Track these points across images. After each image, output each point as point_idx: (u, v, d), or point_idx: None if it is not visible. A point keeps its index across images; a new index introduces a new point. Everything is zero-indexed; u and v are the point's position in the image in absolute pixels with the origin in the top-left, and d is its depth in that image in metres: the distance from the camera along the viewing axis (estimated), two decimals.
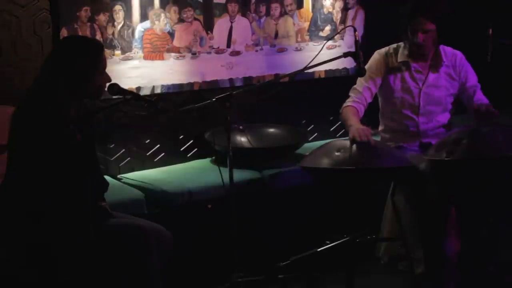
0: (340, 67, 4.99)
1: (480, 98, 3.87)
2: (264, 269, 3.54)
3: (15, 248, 2.91)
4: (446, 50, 3.90)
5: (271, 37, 4.71)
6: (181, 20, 4.32)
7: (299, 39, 4.82)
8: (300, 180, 3.97)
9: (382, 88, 3.92)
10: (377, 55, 3.94)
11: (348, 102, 3.84)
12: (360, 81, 3.88)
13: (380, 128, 4.03)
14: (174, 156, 4.37)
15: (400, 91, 3.88)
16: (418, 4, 3.72)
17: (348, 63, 4.93)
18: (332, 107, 3.95)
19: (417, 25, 3.70)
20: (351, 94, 3.88)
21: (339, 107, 3.88)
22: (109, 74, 3.08)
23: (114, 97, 3.21)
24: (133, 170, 4.19)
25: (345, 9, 4.98)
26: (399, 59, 3.88)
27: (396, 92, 3.89)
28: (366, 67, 3.70)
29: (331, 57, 3.56)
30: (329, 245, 3.58)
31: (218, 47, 4.50)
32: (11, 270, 2.91)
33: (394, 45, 3.94)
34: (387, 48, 3.96)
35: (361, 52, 3.46)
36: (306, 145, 4.39)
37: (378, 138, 3.99)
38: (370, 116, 4.02)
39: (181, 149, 4.43)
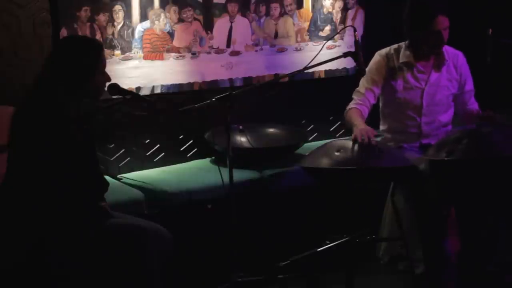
0: (340, 67, 4.99)
1: (473, 103, 3.94)
2: (263, 269, 3.54)
3: (15, 247, 2.91)
4: (448, 50, 3.89)
5: (271, 37, 4.71)
6: (181, 20, 4.32)
7: (299, 39, 4.82)
8: (300, 180, 3.96)
9: (384, 89, 3.91)
10: (378, 56, 3.94)
11: (351, 105, 3.84)
12: (362, 83, 3.88)
13: (382, 128, 4.03)
14: (174, 156, 4.37)
15: (403, 92, 3.87)
16: (435, 4, 3.70)
17: (347, 63, 4.93)
18: (332, 107, 3.96)
19: (439, 24, 3.67)
20: (354, 96, 3.88)
21: (339, 107, 3.88)
22: (109, 74, 3.09)
23: (113, 97, 3.22)
24: (132, 170, 4.19)
25: (345, 9, 4.98)
26: (401, 60, 3.87)
27: (399, 92, 3.88)
28: (367, 68, 3.71)
29: (331, 57, 3.56)
30: (329, 245, 3.58)
31: (218, 47, 4.50)
32: (11, 270, 2.91)
33: (395, 46, 3.93)
34: (387, 48, 3.95)
35: (361, 52, 3.46)
36: (306, 145, 4.39)
37: (379, 138, 3.99)
38: (371, 117, 4.02)
39: (181, 149, 4.43)
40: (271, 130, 4.54)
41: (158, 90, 4.28)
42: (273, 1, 4.68)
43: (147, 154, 4.29)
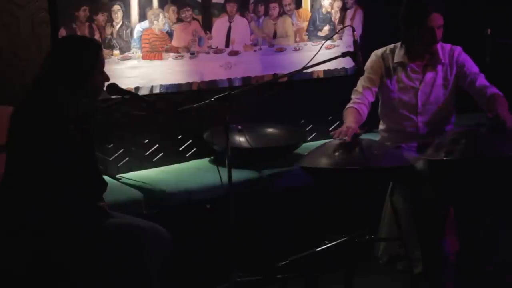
0: (339, 67, 4.99)
1: (483, 83, 3.82)
2: (262, 269, 3.54)
3: (13, 247, 2.91)
4: (445, 47, 3.89)
5: (269, 37, 4.71)
6: (179, 20, 4.32)
7: (297, 39, 4.82)
8: (299, 180, 3.96)
9: (381, 89, 3.93)
10: (374, 56, 3.95)
11: (349, 104, 3.86)
12: (360, 83, 3.90)
13: (380, 127, 4.04)
14: (173, 156, 4.37)
15: (398, 92, 3.88)
16: (429, 1, 3.71)
17: (346, 63, 4.93)
18: (331, 107, 3.96)
19: (433, 22, 3.68)
20: (352, 96, 3.89)
21: (338, 107, 3.89)
22: (108, 74, 3.08)
23: (112, 97, 3.21)
24: (131, 170, 4.19)
25: (343, 9, 4.98)
26: (396, 60, 3.88)
27: (394, 92, 3.89)
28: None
29: (330, 57, 3.56)
30: (328, 245, 3.58)
31: (217, 47, 4.50)
32: (9, 270, 2.91)
33: (391, 46, 3.94)
34: (383, 48, 3.96)
35: (359, 52, 3.46)
36: (305, 145, 4.39)
37: (376, 138, 3.99)
38: (370, 116, 4.02)
39: (180, 149, 4.43)
40: (270, 130, 4.54)
41: (157, 90, 4.28)
42: (271, 1, 4.68)
43: (146, 154, 4.29)
